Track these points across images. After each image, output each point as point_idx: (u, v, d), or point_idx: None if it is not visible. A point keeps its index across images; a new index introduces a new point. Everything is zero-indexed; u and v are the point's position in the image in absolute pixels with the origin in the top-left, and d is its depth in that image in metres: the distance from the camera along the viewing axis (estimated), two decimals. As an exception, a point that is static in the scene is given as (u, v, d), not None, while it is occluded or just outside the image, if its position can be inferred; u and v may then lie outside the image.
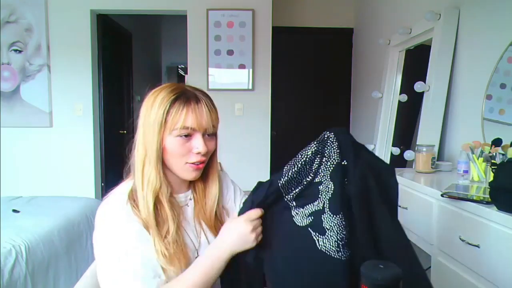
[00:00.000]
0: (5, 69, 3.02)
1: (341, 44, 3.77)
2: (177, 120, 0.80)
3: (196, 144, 0.82)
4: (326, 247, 0.75)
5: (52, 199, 2.50)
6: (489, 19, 1.64)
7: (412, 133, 2.29)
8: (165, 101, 0.80)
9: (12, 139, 3.06)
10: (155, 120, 0.80)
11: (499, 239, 0.99)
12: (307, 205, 0.78)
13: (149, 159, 0.81)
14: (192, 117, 0.80)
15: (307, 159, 0.79)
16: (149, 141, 0.81)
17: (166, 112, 0.80)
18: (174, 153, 0.82)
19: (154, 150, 0.81)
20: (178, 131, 0.80)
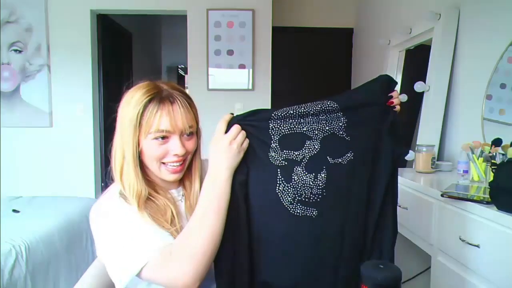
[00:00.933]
0: (5, 69, 3.02)
1: (341, 44, 3.77)
2: (151, 123, 0.78)
3: (173, 146, 0.81)
4: (282, 194, 0.78)
5: (52, 199, 2.50)
6: (489, 19, 1.64)
7: (412, 133, 2.29)
8: (139, 102, 0.78)
9: (12, 139, 3.06)
10: (130, 122, 0.78)
11: (499, 239, 0.99)
12: (286, 150, 0.80)
13: (127, 163, 0.80)
14: (166, 119, 0.78)
15: (311, 111, 0.81)
16: (125, 143, 0.80)
17: (140, 114, 0.78)
18: (151, 156, 0.81)
19: (130, 153, 0.80)
20: (153, 134, 0.78)
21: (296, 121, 0.81)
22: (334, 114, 0.82)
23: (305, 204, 0.78)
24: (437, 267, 1.29)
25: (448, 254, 1.22)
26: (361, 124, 0.83)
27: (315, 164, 0.79)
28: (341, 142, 0.81)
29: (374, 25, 3.17)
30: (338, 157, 0.80)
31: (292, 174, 0.79)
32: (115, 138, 0.83)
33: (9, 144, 3.04)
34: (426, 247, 1.38)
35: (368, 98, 0.85)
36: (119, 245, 0.75)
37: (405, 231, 1.53)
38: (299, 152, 0.80)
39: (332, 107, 0.82)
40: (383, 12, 2.95)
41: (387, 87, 0.87)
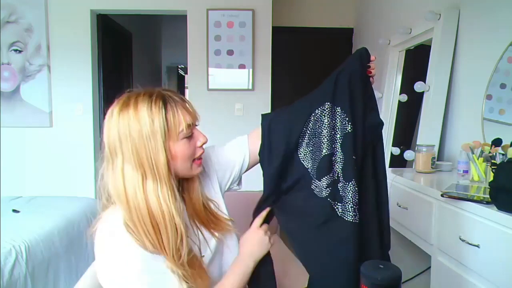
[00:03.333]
0: (5, 69, 3.02)
1: (341, 44, 3.77)
2: (178, 122, 0.76)
3: (198, 137, 0.82)
4: (345, 214, 0.82)
5: (52, 199, 2.50)
6: (489, 19, 1.64)
7: (412, 133, 2.29)
8: (156, 109, 0.74)
9: (12, 139, 3.06)
10: (154, 133, 0.72)
11: (499, 239, 0.99)
12: (323, 177, 0.85)
13: (156, 177, 0.73)
14: (186, 113, 0.78)
15: (313, 131, 0.87)
16: (150, 158, 0.72)
17: (165, 119, 0.74)
18: (185, 156, 0.78)
19: (163, 165, 0.73)
20: (183, 133, 0.77)
21: (317, 149, 0.86)
22: (333, 114, 0.86)
23: (357, 211, 0.82)
24: (437, 267, 1.29)
25: (448, 254, 1.22)
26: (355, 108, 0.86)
27: (348, 171, 0.83)
28: (352, 137, 0.84)
29: (374, 25, 3.17)
30: (356, 153, 0.84)
31: (341, 193, 0.83)
32: (117, 161, 0.73)
33: (9, 144, 3.04)
34: (426, 247, 1.37)
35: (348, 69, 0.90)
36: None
37: (405, 231, 1.53)
38: (332, 172, 0.84)
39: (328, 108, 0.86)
40: (383, 12, 2.95)
41: (365, 57, 0.92)
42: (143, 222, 0.72)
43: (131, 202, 0.72)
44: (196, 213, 0.88)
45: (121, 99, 0.77)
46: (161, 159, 0.73)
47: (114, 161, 0.75)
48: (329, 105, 0.85)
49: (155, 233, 0.72)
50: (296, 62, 3.80)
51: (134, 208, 0.72)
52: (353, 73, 0.88)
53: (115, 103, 0.77)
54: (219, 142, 0.97)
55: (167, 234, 0.73)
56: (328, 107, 0.85)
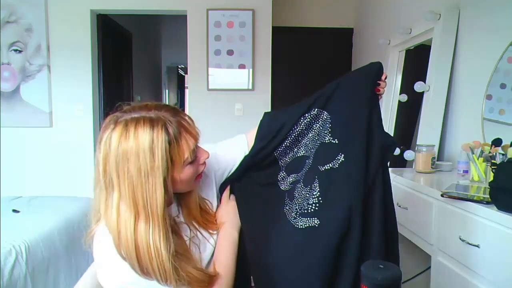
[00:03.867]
0: (5, 69, 3.02)
1: (341, 44, 3.77)
2: (183, 151, 0.73)
3: (202, 155, 0.81)
4: (287, 212, 0.85)
5: (52, 199, 2.50)
6: (489, 19, 1.64)
7: (412, 133, 2.29)
8: (159, 143, 0.69)
9: (12, 139, 3.06)
10: (155, 169, 0.69)
11: (499, 239, 0.99)
12: (292, 174, 0.90)
13: (149, 218, 0.70)
14: (189, 136, 0.74)
15: (300, 131, 0.89)
16: (146, 197, 0.69)
17: (168, 151, 0.70)
18: (191, 178, 0.78)
19: (158, 204, 0.70)
20: (189, 159, 0.75)
21: (296, 147, 0.90)
22: (322, 121, 0.87)
23: (305, 215, 0.79)
24: (437, 267, 1.29)
25: (448, 254, 1.22)
26: (348, 120, 0.84)
27: (309, 177, 0.83)
28: (329, 147, 0.83)
29: (374, 25, 3.17)
30: (328, 163, 0.81)
31: (294, 192, 0.85)
32: (112, 197, 0.71)
33: (9, 144, 3.04)
34: (426, 247, 1.37)
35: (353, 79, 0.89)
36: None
37: (405, 231, 1.53)
38: (301, 172, 0.86)
39: (319, 113, 0.87)
40: (383, 12, 2.95)
41: (375, 73, 0.89)
42: (130, 256, 0.70)
43: (122, 239, 0.70)
44: (193, 216, 0.88)
45: (120, 123, 0.71)
46: (157, 197, 0.70)
47: (110, 194, 0.72)
48: (318, 111, 0.87)
49: (139, 267, 0.71)
50: (296, 62, 3.80)
51: (124, 243, 0.70)
52: (356, 85, 0.87)
53: (111, 125, 0.71)
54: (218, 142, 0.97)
55: (152, 269, 0.71)
56: (316, 112, 0.87)
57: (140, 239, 0.70)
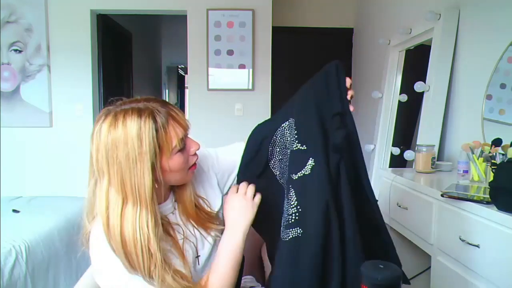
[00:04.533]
0: (5, 69, 3.02)
1: (341, 44, 3.77)
2: (171, 138, 0.74)
3: (192, 146, 0.81)
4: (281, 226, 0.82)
5: (52, 199, 2.50)
6: (489, 19, 1.64)
7: (412, 133, 2.29)
8: (146, 130, 0.71)
9: (12, 139, 3.06)
10: (143, 155, 0.71)
11: (499, 239, 0.99)
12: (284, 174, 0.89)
13: (142, 200, 0.72)
14: (177, 125, 0.76)
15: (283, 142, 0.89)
16: (134, 182, 0.71)
17: (155, 138, 0.72)
18: (181, 168, 0.79)
19: (146, 189, 0.72)
20: (177, 148, 0.76)
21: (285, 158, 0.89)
22: (291, 129, 0.86)
23: (288, 227, 0.77)
24: (437, 267, 1.29)
25: (448, 254, 1.22)
26: (310, 123, 0.82)
27: (286, 188, 0.82)
28: (298, 154, 0.81)
29: (374, 25, 3.17)
30: (299, 170, 0.79)
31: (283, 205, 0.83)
32: (103, 182, 0.73)
33: (9, 144, 3.04)
34: (426, 247, 1.38)
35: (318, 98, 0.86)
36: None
37: (405, 231, 1.53)
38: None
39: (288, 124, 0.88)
40: (383, 12, 2.95)
41: (336, 79, 0.86)
42: (116, 241, 0.72)
43: (110, 225, 0.72)
44: (189, 213, 0.88)
45: (109, 115, 0.74)
46: (145, 182, 0.72)
47: (101, 181, 0.75)
48: (292, 120, 0.88)
49: (125, 256, 0.72)
50: (296, 62, 3.80)
51: (112, 230, 0.72)
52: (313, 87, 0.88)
53: (102, 117, 0.75)
54: (219, 142, 0.97)
55: (137, 260, 0.72)
56: (290, 122, 0.88)
57: (126, 222, 0.71)
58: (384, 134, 2.54)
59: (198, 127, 3.09)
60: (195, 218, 0.88)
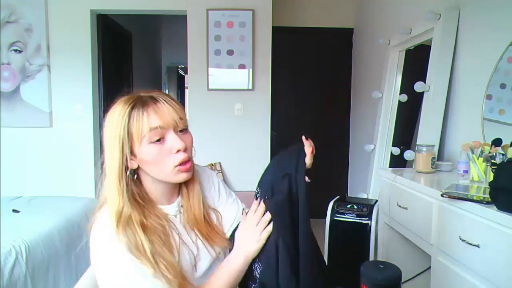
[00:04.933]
0: (5, 69, 3.02)
1: (341, 44, 3.77)
2: (141, 126, 0.76)
3: (172, 143, 0.78)
4: None
5: (52, 199, 2.50)
6: (489, 19, 1.64)
7: (412, 133, 2.29)
8: (122, 114, 0.76)
9: (12, 139, 3.06)
10: (115, 137, 0.76)
11: (499, 239, 0.99)
12: None
13: (110, 179, 0.78)
14: (154, 117, 0.76)
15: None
16: (110, 160, 0.78)
17: (127, 124, 0.76)
18: (155, 161, 0.78)
19: (115, 168, 0.77)
20: (147, 137, 0.76)
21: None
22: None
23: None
24: (437, 267, 1.29)
25: (448, 254, 1.22)
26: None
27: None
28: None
29: (374, 25, 3.17)
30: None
31: None
32: (105, 161, 0.80)
33: (9, 144, 3.04)
34: (426, 247, 1.38)
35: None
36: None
37: (405, 231, 1.53)
38: None
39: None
40: (383, 12, 2.95)
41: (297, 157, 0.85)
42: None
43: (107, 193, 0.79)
44: (196, 221, 0.87)
45: (117, 101, 0.82)
46: (116, 161, 0.77)
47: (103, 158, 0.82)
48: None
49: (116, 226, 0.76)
50: (296, 62, 3.80)
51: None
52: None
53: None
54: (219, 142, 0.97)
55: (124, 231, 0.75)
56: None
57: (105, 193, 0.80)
58: (384, 134, 2.54)
59: (198, 127, 3.09)
60: (202, 228, 0.87)
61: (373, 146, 2.59)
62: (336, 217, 1.98)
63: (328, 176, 3.87)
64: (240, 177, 3.13)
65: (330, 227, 2.00)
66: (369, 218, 1.91)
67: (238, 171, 3.13)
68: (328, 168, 3.86)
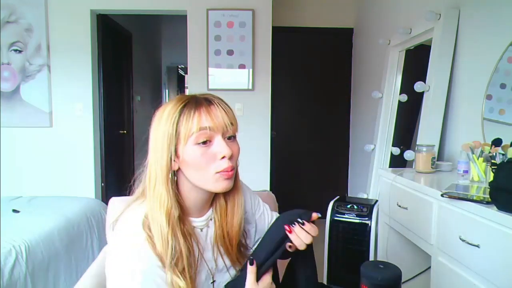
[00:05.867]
0: (5, 69, 3.02)
1: (341, 44, 3.77)
2: (190, 125, 0.73)
3: (219, 148, 0.75)
4: None
5: (52, 199, 2.50)
6: (489, 19, 1.64)
7: (412, 133, 2.29)
8: (173, 112, 0.75)
9: (12, 139, 3.06)
10: (164, 134, 0.74)
11: (499, 239, 0.99)
12: None
13: (159, 178, 0.75)
14: (206, 117, 0.74)
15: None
16: (158, 159, 0.75)
17: (176, 122, 0.74)
18: (197, 164, 0.74)
19: (163, 167, 0.75)
20: (194, 137, 0.73)
21: None
22: None
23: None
24: (437, 267, 1.29)
25: (448, 254, 1.22)
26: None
27: None
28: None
29: (374, 25, 3.17)
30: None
31: None
32: (149, 157, 0.78)
33: (9, 144, 3.04)
34: (426, 247, 1.37)
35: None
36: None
37: (405, 231, 1.53)
38: None
39: None
40: (383, 12, 2.95)
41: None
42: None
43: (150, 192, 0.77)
44: (227, 241, 0.84)
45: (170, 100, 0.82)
46: (163, 161, 0.75)
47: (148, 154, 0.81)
48: None
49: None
50: (296, 62, 3.80)
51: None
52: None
53: None
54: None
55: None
56: None
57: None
58: (384, 134, 2.54)
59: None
60: (231, 250, 0.84)
61: (373, 146, 2.59)
62: (336, 217, 1.98)
63: (328, 176, 3.87)
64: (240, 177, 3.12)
65: (330, 227, 2.00)
66: (369, 218, 1.91)
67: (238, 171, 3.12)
68: (328, 168, 3.86)
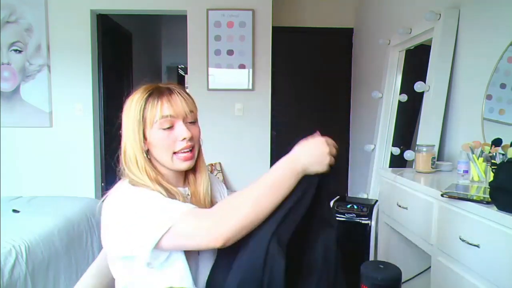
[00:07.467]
0: (5, 69, 3.02)
1: (341, 44, 3.77)
2: (154, 112, 0.83)
3: (179, 131, 0.85)
4: None
5: (52, 199, 2.50)
6: (489, 19, 1.64)
7: (412, 133, 2.29)
8: (139, 100, 0.85)
9: (12, 139, 3.06)
10: (134, 120, 0.84)
11: (499, 239, 0.99)
12: None
13: (138, 157, 0.85)
14: (167, 105, 0.84)
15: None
16: (133, 141, 0.85)
17: (143, 108, 0.84)
18: (161, 145, 0.85)
19: (138, 148, 0.85)
20: (158, 123, 0.83)
21: None
22: None
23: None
24: (437, 267, 1.29)
25: (448, 254, 1.22)
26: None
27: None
28: None
29: (374, 25, 3.17)
30: None
31: None
32: (122, 143, 0.88)
33: (9, 144, 3.04)
34: (426, 247, 1.37)
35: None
36: (138, 218, 0.75)
37: (405, 231, 1.53)
38: None
39: None
40: (383, 12, 2.95)
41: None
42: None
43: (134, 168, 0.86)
44: (203, 206, 0.91)
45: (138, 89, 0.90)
46: (137, 142, 0.85)
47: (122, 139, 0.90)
48: None
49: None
50: (296, 62, 3.80)
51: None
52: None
53: None
54: (219, 142, 0.98)
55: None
56: None
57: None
58: (384, 134, 2.53)
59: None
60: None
61: (373, 146, 2.59)
62: (336, 217, 1.98)
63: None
64: (240, 177, 3.13)
65: (330, 227, 2.00)
66: (369, 218, 1.91)
67: (238, 171, 3.13)
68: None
